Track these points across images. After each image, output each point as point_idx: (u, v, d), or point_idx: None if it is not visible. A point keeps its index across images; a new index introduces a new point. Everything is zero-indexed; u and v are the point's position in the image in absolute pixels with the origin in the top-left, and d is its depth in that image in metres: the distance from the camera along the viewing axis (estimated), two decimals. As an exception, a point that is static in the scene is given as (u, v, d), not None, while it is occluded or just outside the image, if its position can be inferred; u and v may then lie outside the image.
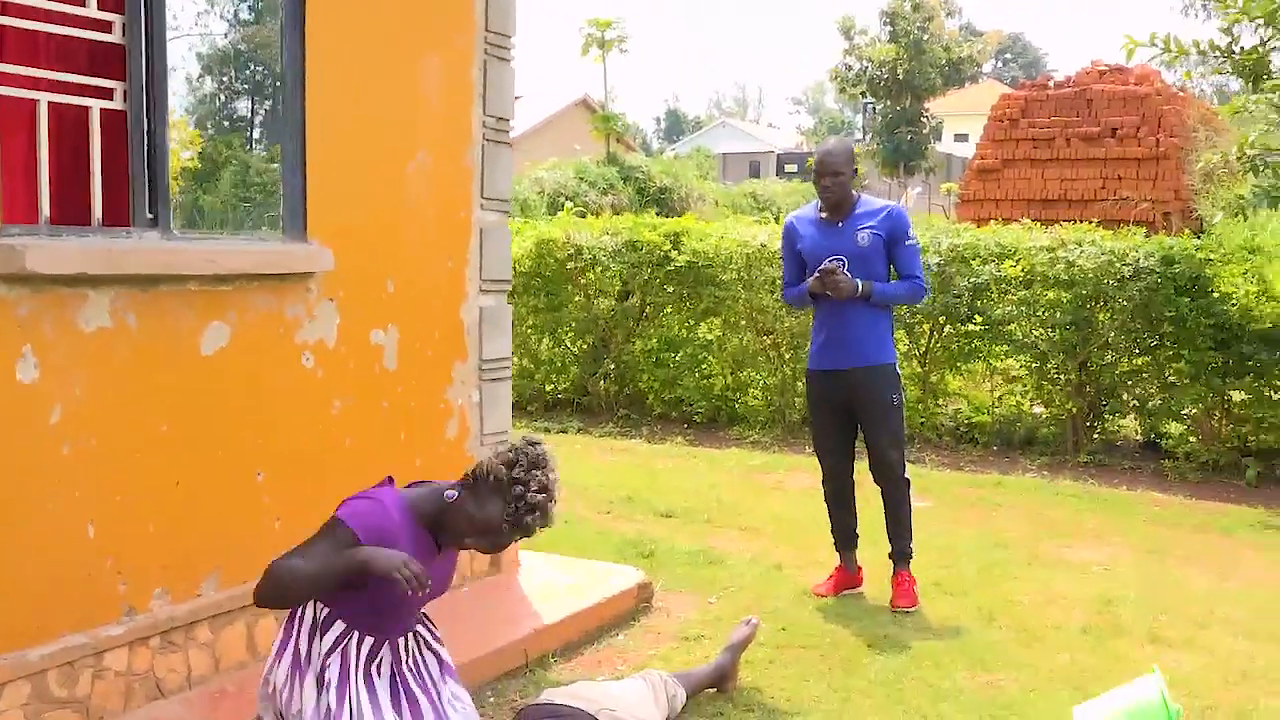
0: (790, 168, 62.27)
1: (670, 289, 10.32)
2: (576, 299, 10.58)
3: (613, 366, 10.59)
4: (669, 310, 10.50)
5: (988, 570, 6.11)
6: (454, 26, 5.02)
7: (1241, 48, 8.02)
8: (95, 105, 3.77)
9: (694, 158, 51.15)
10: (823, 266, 5.37)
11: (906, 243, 5.49)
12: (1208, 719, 4.26)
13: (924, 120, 55.56)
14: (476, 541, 3.17)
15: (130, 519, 3.81)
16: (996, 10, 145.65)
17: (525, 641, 4.72)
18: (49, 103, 3.65)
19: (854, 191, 5.54)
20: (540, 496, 3.07)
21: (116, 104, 3.82)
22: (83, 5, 3.72)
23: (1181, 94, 19.17)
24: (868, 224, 5.45)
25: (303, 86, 4.33)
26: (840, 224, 5.48)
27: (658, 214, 29.67)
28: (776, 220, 11.72)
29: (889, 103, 55.36)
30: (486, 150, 5.25)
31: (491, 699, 4.36)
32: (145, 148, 3.86)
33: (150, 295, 3.83)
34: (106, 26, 3.79)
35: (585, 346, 10.82)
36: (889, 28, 54.81)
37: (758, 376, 10.24)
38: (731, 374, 10.35)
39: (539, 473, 3.09)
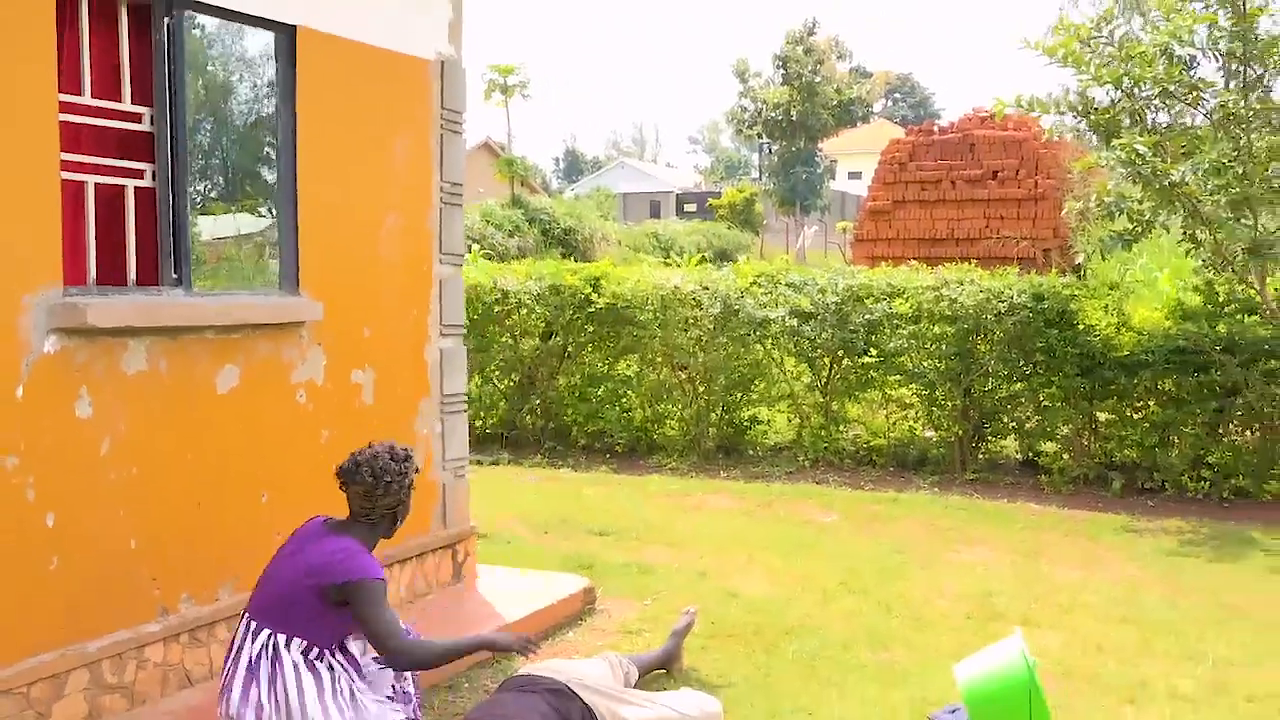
0: (689, 207, 63.44)
1: (591, 329, 11.11)
2: (503, 339, 11.30)
3: (538, 402, 11.32)
4: (590, 349, 11.29)
5: (886, 572, 6.96)
6: (417, 107, 5.78)
7: (1095, 108, 9.08)
8: (130, 184, 4.48)
9: (595, 198, 52.13)
10: None
11: None
12: (1067, 683, 5.13)
13: (818, 160, 57.14)
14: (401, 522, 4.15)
15: (163, 534, 4.49)
16: (885, 51, 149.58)
17: (492, 637, 5.43)
18: (95, 184, 4.35)
19: None
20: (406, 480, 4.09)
21: (146, 182, 4.53)
22: (119, 100, 4.43)
23: (1057, 139, 20.55)
24: None
25: (294, 163, 5.07)
26: None
27: (562, 254, 30.61)
28: (681, 261, 12.52)
29: (784, 143, 56.88)
30: (444, 212, 6.01)
31: (466, 686, 5.06)
32: (171, 218, 4.56)
33: (177, 343, 4.52)
34: (138, 118, 4.50)
35: (512, 383, 11.55)
36: (782, 70, 56.35)
37: (674, 409, 11.06)
38: (650, 406, 11.15)
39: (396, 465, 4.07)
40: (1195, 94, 8.91)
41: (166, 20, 4.52)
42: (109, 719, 4.28)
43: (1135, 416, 9.35)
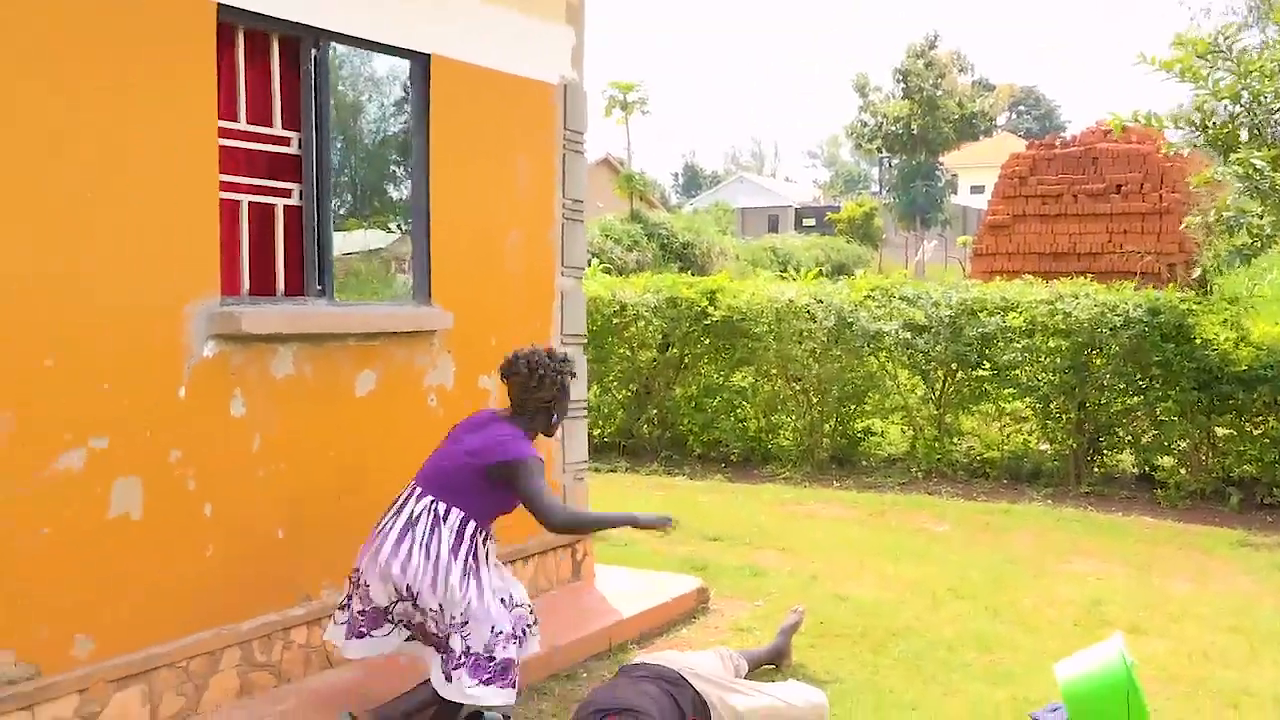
0: (808, 221, 63.32)
1: (707, 341, 11.36)
2: (621, 350, 11.62)
3: (655, 412, 11.61)
4: (706, 360, 11.54)
5: (996, 580, 7.07)
6: (540, 129, 6.11)
7: (1214, 123, 9.07)
8: (279, 203, 4.87)
9: (713, 213, 52.36)
10: None
11: None
12: (1171, 688, 5.21)
13: (938, 174, 56.60)
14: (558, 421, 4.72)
15: (307, 525, 4.85)
16: (1009, 64, 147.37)
17: (608, 631, 5.72)
18: (248, 202, 4.74)
19: None
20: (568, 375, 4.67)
21: (294, 200, 4.91)
22: (270, 126, 4.82)
23: (1176, 154, 20.27)
24: None
25: (427, 182, 5.43)
26: None
27: (680, 268, 30.90)
28: (798, 275, 12.72)
29: (904, 157, 56.58)
30: (566, 227, 6.33)
31: (584, 676, 5.33)
32: (316, 234, 4.94)
33: (321, 349, 4.89)
34: (287, 141, 4.89)
35: (629, 394, 11.85)
36: (902, 84, 56.04)
37: (788, 419, 11.25)
38: (764, 417, 11.35)
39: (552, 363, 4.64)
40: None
41: (314, 51, 4.91)
42: (258, 694, 4.65)
43: (1254, 432, 9.27)
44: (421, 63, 5.38)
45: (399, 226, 5.60)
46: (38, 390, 3.91)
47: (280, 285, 4.88)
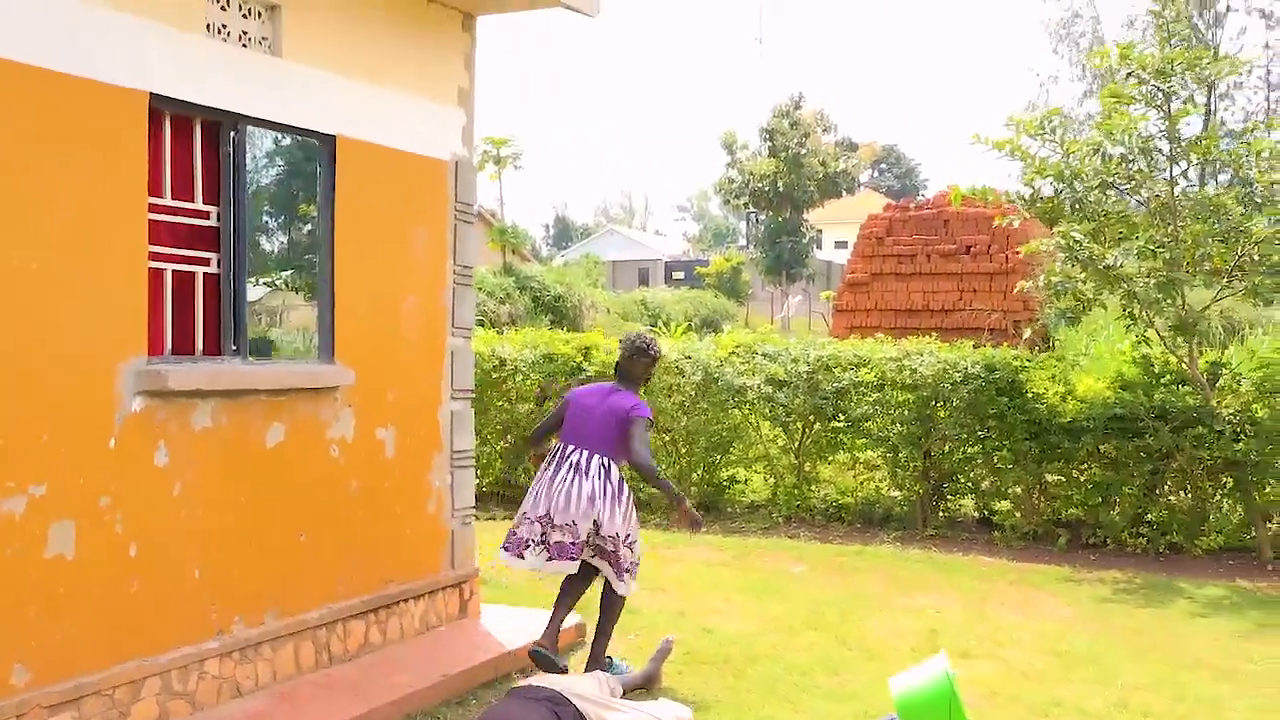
0: (678, 275, 64.56)
1: (581, 395, 11.95)
2: (499, 403, 12.15)
3: (532, 463, 12.12)
4: (580, 412, 12.11)
5: (846, 613, 7.77)
6: (435, 201, 6.69)
7: (1041, 197, 10.04)
8: (199, 270, 5.35)
9: (584, 265, 53.11)
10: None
11: None
12: (991, 701, 5.95)
13: (803, 230, 58.14)
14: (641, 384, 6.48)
15: (221, 565, 5.31)
16: (871, 123, 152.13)
17: (495, 661, 6.25)
18: (171, 270, 5.22)
19: None
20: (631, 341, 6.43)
21: (212, 269, 5.40)
22: (192, 200, 5.32)
23: (1012, 224, 21.67)
24: None
25: (332, 251, 5.95)
26: None
27: (552, 321, 31.48)
28: (668, 330, 13.40)
29: (770, 213, 57.96)
30: (457, 291, 6.89)
31: (473, 702, 5.85)
32: (233, 299, 5.43)
33: (236, 404, 5.37)
34: (206, 215, 5.39)
35: (507, 445, 12.38)
36: (769, 143, 57.49)
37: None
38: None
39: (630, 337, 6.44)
40: (1134, 184, 9.91)
41: (232, 134, 5.42)
42: (175, 721, 5.08)
43: (1080, 478, 10.19)
44: (328, 143, 5.92)
45: (306, 291, 6.10)
46: (-15, 442, 4.33)
47: (199, 345, 5.35)
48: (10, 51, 4.39)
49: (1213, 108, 60.58)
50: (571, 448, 6.14)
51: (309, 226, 6.02)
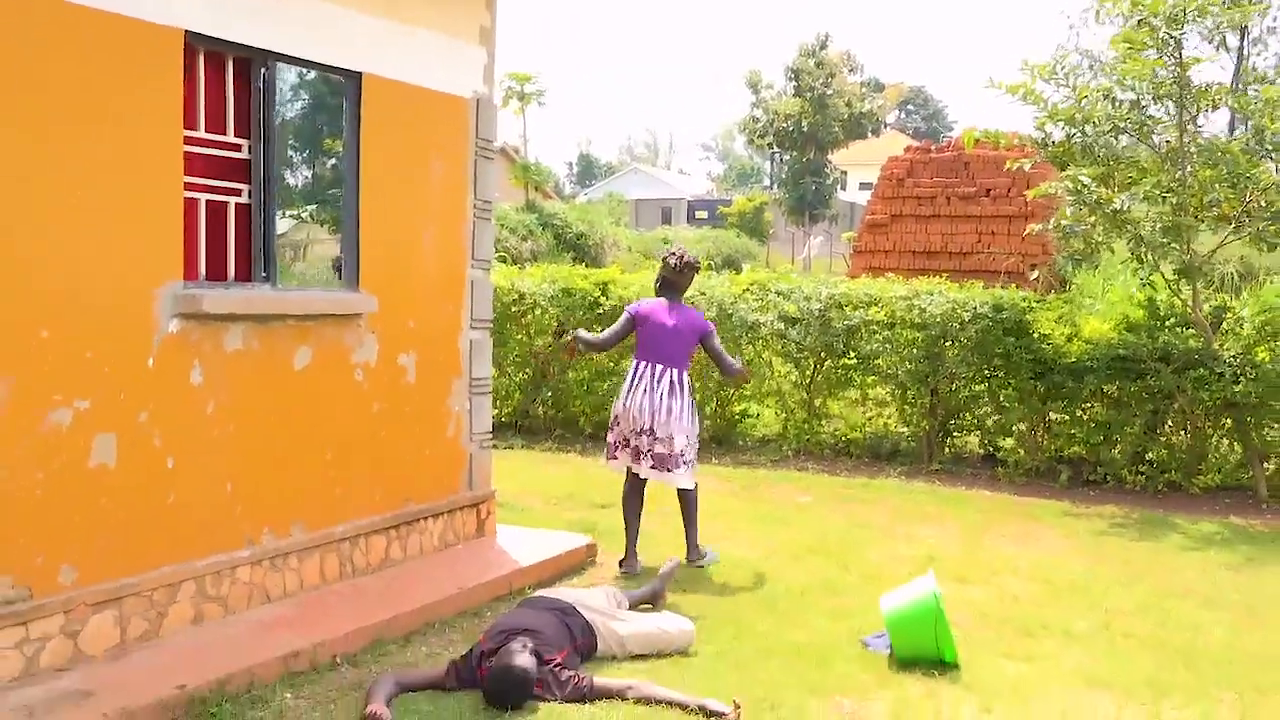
0: (701, 214, 64.58)
1: (600, 328, 12.21)
2: (518, 336, 12.44)
3: (549, 394, 12.47)
4: (598, 346, 12.40)
5: (848, 542, 8.08)
6: (456, 137, 6.93)
7: (1052, 141, 10.20)
8: (231, 200, 5.63)
9: (607, 203, 53.21)
10: None
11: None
12: (981, 622, 6.25)
13: (827, 171, 57.93)
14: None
15: (252, 479, 5.63)
16: (900, 63, 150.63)
17: (509, 577, 6.58)
18: (205, 200, 5.50)
19: None
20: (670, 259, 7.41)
21: (244, 199, 5.68)
22: (225, 134, 5.58)
23: (1030, 168, 21.76)
24: None
25: (357, 184, 6.22)
26: None
27: (574, 258, 31.70)
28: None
29: (795, 153, 57.75)
30: (476, 225, 7.15)
31: (489, 614, 6.17)
32: (263, 229, 5.71)
33: (266, 328, 5.67)
34: (238, 148, 5.65)
35: (526, 377, 12.68)
36: (794, 83, 57.19)
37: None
38: (651, 400, 12.25)
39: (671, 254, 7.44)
40: (1145, 129, 10.05)
41: (263, 70, 5.67)
42: (209, 622, 5.42)
43: (1083, 417, 10.44)
44: (354, 80, 6.17)
45: (331, 223, 6.37)
46: (35, 357, 4.65)
47: (231, 272, 5.64)
48: (55, -11, 4.64)
49: (1245, 52, 60.15)
50: (660, 366, 7.16)
51: (335, 160, 6.28)
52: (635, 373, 7.23)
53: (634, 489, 7.41)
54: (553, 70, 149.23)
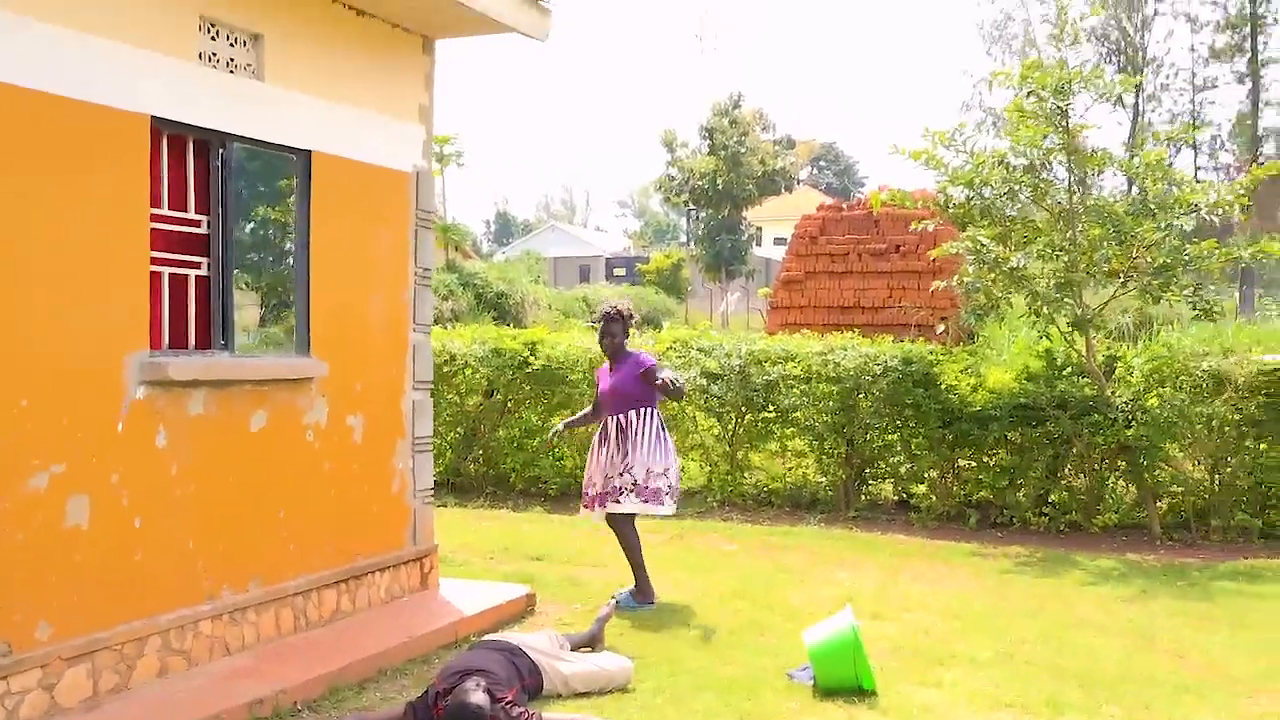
0: (619, 271, 65.27)
1: (528, 387, 12.67)
2: (449, 396, 12.81)
3: (481, 452, 12.84)
4: (527, 405, 12.84)
5: (771, 585, 8.54)
6: (398, 209, 7.37)
7: (953, 203, 10.88)
8: (192, 273, 6.00)
9: (525, 261, 53.62)
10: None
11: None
12: (894, 654, 6.74)
13: (743, 227, 58.96)
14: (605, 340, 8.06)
15: (212, 537, 5.96)
16: (810, 120, 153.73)
17: (455, 625, 6.95)
18: (168, 274, 5.87)
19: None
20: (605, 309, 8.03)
21: (204, 271, 6.05)
22: (186, 211, 5.97)
23: (933, 229, 22.67)
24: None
25: (308, 255, 6.62)
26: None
27: (494, 318, 32.04)
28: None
29: (710, 210, 58.72)
30: (418, 291, 7.57)
31: (436, 661, 6.53)
32: (221, 299, 6.09)
33: (224, 392, 6.03)
34: (198, 224, 6.04)
35: (457, 436, 13.03)
36: (708, 141, 58.26)
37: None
38: (580, 455, 12.64)
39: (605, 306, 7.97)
40: (1039, 191, 10.77)
41: (221, 150, 6.07)
42: (173, 674, 5.73)
43: (989, 462, 11.06)
44: (304, 157, 6.59)
45: (284, 291, 6.75)
46: (15, 425, 4.97)
47: (192, 340, 6.00)
48: (30, 80, 5.01)
49: (1140, 109, 62.58)
50: (614, 418, 7.89)
51: (287, 232, 6.68)
52: (600, 432, 8.03)
53: (622, 530, 7.93)
54: (469, 129, 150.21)
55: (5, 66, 4.89)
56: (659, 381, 7.69)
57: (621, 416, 7.85)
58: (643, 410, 7.87)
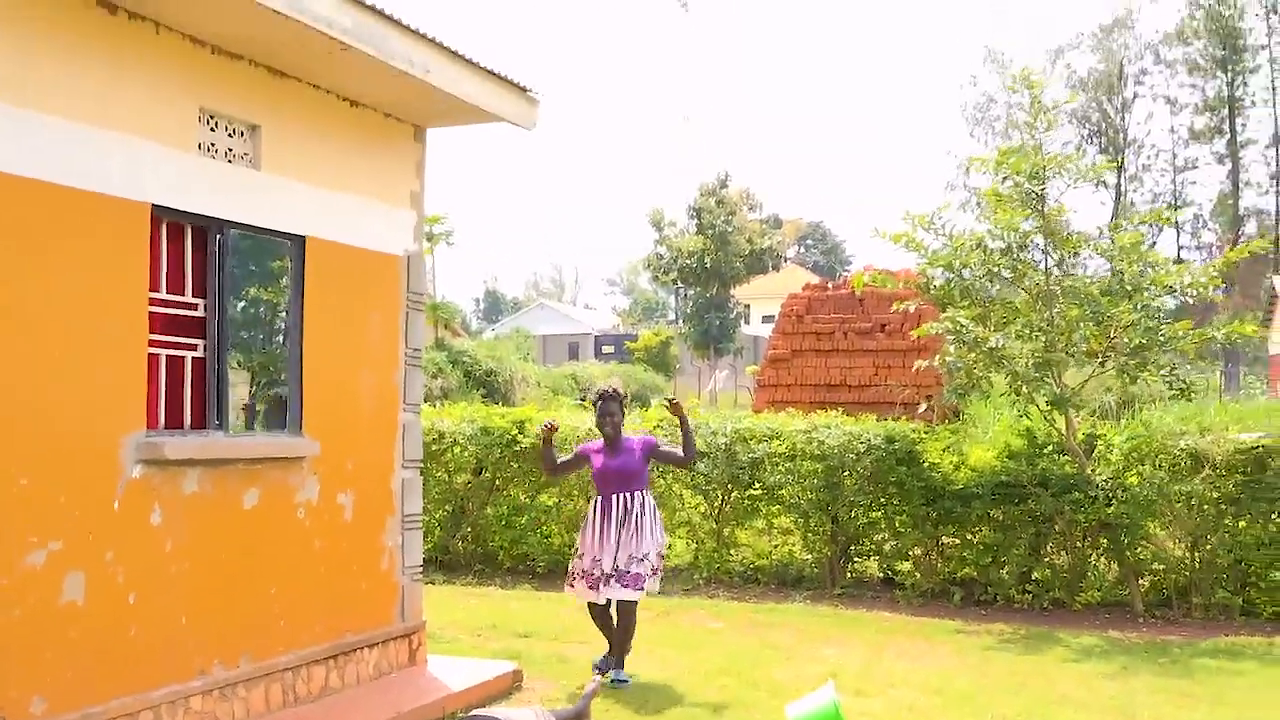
0: (607, 349, 65.62)
1: (516, 465, 12.78)
2: (438, 474, 12.91)
3: (469, 529, 12.92)
4: (515, 483, 12.94)
5: (757, 662, 8.62)
6: (389, 292, 7.55)
7: (934, 285, 11.12)
8: (188, 355, 6.16)
9: (514, 339, 53.87)
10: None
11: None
12: (880, 730, 6.82)
13: (731, 305, 59.45)
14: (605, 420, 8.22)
15: (204, 613, 6.06)
16: (797, 199, 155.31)
17: (442, 702, 7.02)
18: (165, 355, 6.03)
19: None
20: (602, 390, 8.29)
21: (199, 353, 6.21)
22: (183, 294, 6.14)
23: (914, 309, 22.93)
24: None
25: (301, 338, 6.79)
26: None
27: (483, 395, 32.19)
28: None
29: (699, 289, 59.24)
30: (408, 371, 7.73)
31: (424, 736, 6.61)
32: (217, 380, 6.24)
33: (219, 471, 6.16)
34: (195, 306, 6.21)
35: (445, 513, 13.12)
36: (696, 221, 58.93)
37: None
38: (568, 533, 12.74)
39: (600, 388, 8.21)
40: (1017, 272, 11.01)
41: (218, 236, 6.26)
42: (164, 750, 5.80)
43: (972, 540, 11.18)
44: (299, 243, 6.78)
45: (278, 371, 6.91)
46: (14, 504, 5.09)
47: (187, 420, 6.14)
48: (39, 171, 5.21)
49: (1123, 189, 63.56)
50: (608, 497, 8.06)
51: (281, 314, 6.85)
52: (596, 508, 8.19)
53: (599, 613, 8.21)
54: (458, 207, 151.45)
55: (15, 158, 5.09)
56: (681, 459, 8.44)
57: (628, 496, 8.05)
58: (643, 492, 8.13)
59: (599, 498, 8.18)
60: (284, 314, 6.84)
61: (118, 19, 5.58)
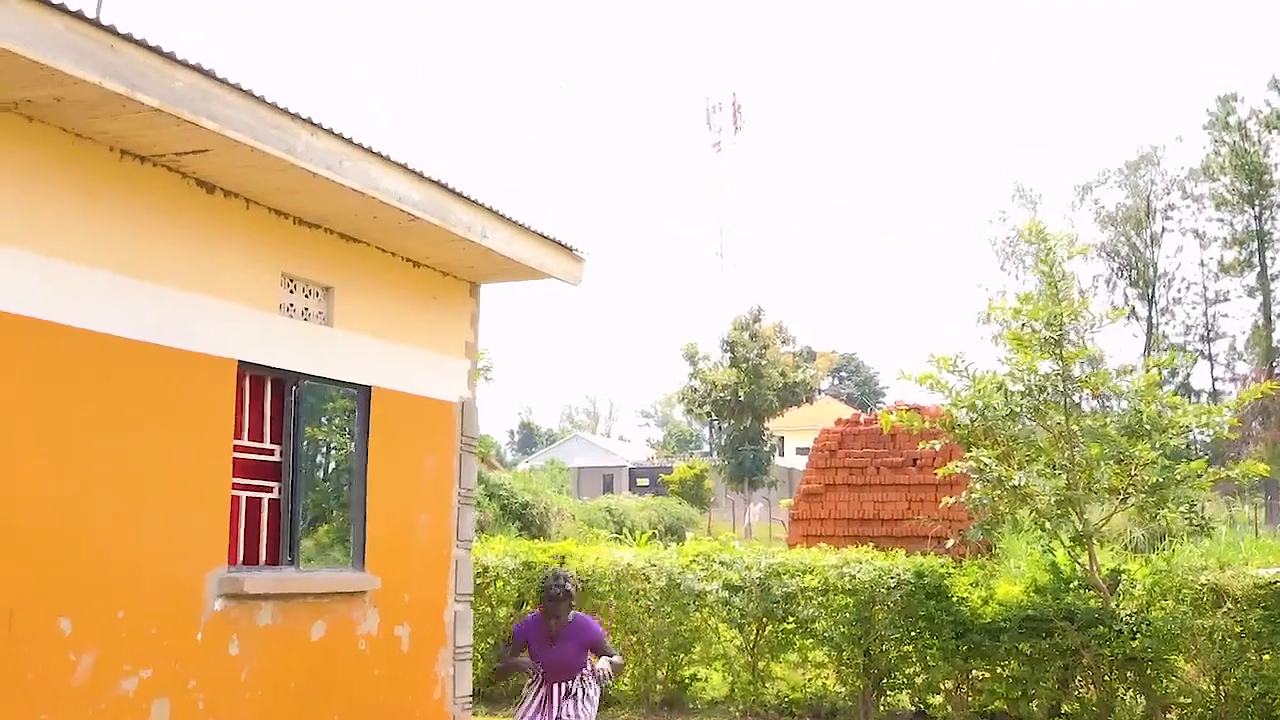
0: (642, 481, 65.76)
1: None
2: (481, 607, 13.31)
3: (511, 661, 13.26)
4: (556, 615, 13.31)
5: (791, 792, 8.92)
6: (445, 436, 8.13)
7: (958, 425, 11.59)
8: (264, 497, 6.73)
9: (549, 471, 54.19)
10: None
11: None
12: None
13: (765, 438, 59.67)
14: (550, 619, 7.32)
15: (275, 738, 6.52)
16: (830, 331, 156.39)
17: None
18: (246, 497, 6.59)
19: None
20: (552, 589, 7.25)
21: (275, 495, 6.78)
22: (262, 441, 6.73)
23: (933, 447, 23.36)
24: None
25: (365, 480, 7.35)
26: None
27: (519, 528, 32.51)
28: (634, 538, 14.69)
29: (733, 421, 59.58)
30: (460, 510, 8.27)
31: None
32: (290, 520, 6.79)
33: (289, 605, 6.67)
34: (272, 452, 6.79)
35: (488, 646, 13.49)
36: (729, 354, 59.54)
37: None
38: (606, 665, 13.10)
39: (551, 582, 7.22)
40: (1039, 412, 11.49)
41: (294, 388, 6.88)
42: None
43: (1002, 673, 11.44)
44: (365, 392, 7.39)
45: (343, 511, 7.46)
46: (112, 634, 5.62)
47: (262, 556, 6.68)
48: (146, 334, 5.86)
49: (1154, 322, 64.02)
50: (549, 686, 7.33)
51: (347, 458, 7.43)
52: (537, 693, 7.43)
53: None
54: (494, 340, 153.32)
55: (128, 325, 5.74)
56: (597, 673, 7.49)
57: (571, 682, 7.42)
58: (584, 674, 7.49)
59: (540, 685, 7.41)
60: (350, 457, 7.41)
61: (214, 197, 6.29)
